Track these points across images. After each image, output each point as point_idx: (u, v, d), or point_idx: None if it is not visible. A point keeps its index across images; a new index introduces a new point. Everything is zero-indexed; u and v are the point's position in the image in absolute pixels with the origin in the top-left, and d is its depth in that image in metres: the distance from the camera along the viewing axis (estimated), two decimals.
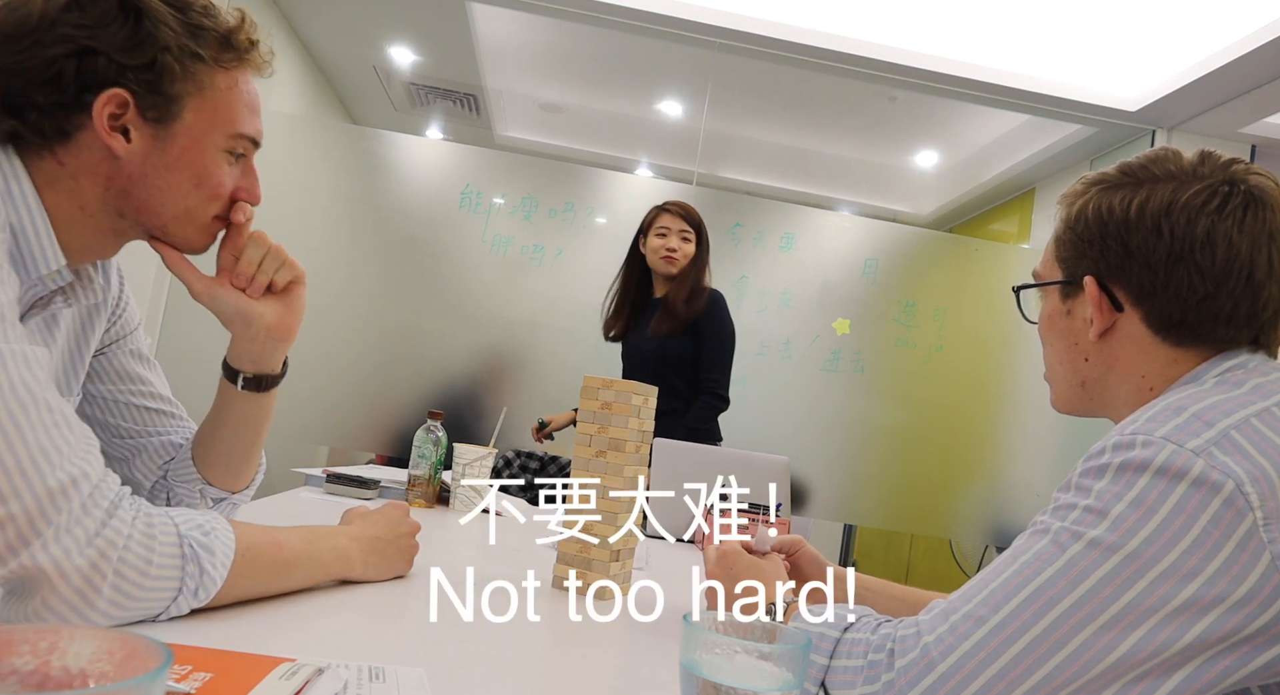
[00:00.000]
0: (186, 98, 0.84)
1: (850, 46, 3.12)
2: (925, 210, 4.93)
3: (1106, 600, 0.62)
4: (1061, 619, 0.63)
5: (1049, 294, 0.89)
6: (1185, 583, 0.62)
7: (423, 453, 1.76)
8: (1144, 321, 0.80)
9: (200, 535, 0.76)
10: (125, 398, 1.08)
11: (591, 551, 1.12)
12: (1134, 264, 0.80)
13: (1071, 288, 0.85)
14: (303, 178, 3.08)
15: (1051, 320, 0.89)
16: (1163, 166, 0.82)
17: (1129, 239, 0.80)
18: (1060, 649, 0.62)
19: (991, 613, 0.64)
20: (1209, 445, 0.65)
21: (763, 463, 2.03)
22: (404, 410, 3.01)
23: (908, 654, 0.65)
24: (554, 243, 3.11)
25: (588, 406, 1.15)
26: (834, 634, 0.73)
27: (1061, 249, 0.86)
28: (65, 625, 0.40)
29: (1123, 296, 0.81)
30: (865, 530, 4.82)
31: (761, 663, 0.59)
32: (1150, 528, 0.63)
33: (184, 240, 0.94)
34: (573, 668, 0.84)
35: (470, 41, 3.63)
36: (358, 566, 0.99)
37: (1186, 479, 0.64)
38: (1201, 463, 0.64)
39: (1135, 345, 0.81)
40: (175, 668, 0.61)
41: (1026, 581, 0.65)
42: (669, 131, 4.39)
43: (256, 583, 0.84)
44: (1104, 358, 0.84)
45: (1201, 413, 0.68)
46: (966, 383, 3.28)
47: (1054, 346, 0.89)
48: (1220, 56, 2.84)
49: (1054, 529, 0.67)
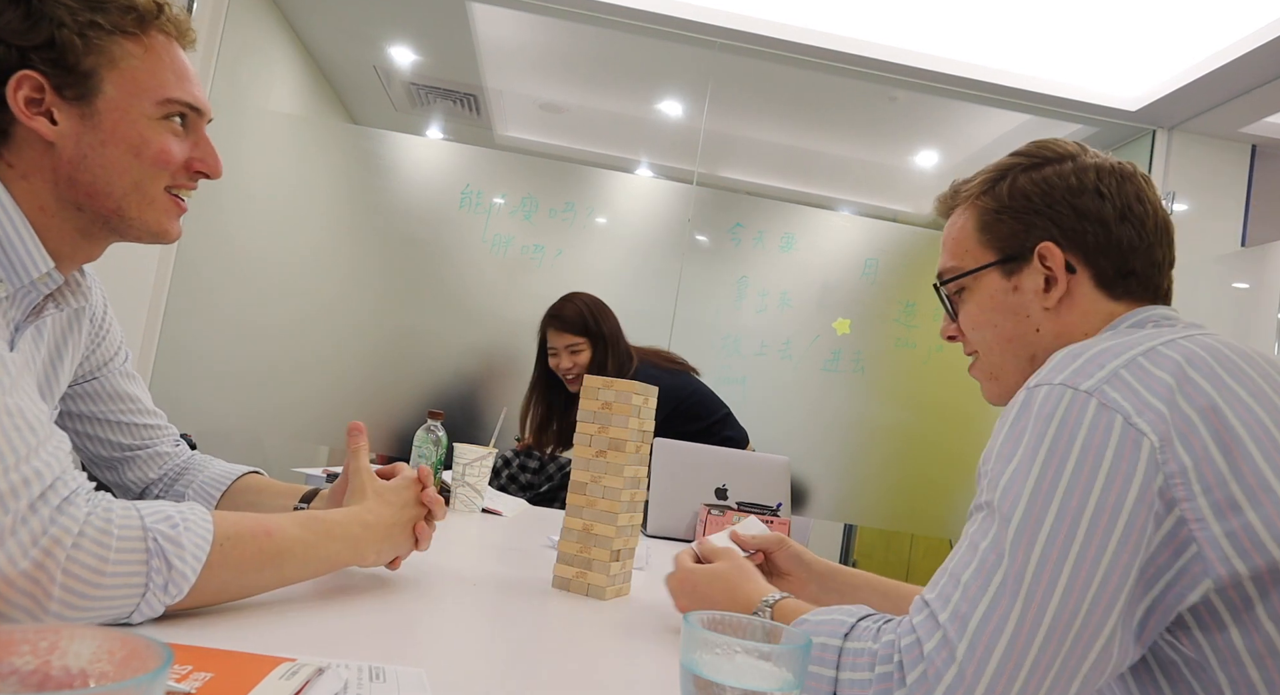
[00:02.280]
0: (101, 71, 0.83)
1: (850, 46, 3.12)
2: (925, 210, 4.92)
3: (1059, 561, 0.65)
4: (1031, 592, 0.65)
5: (981, 280, 0.93)
6: (1114, 523, 0.66)
7: (423, 453, 1.76)
8: (1093, 279, 0.88)
9: (167, 528, 0.73)
10: (118, 417, 1.10)
11: (591, 551, 1.12)
12: (1088, 223, 0.88)
13: (1014, 263, 0.90)
14: (303, 178, 3.08)
15: (994, 301, 0.92)
16: (1057, 148, 0.92)
17: (1077, 202, 0.88)
18: (1041, 621, 0.64)
19: (971, 608, 0.66)
20: (1100, 384, 0.71)
21: (763, 463, 2.03)
22: (404, 410, 3.01)
23: (916, 666, 0.66)
24: (554, 243, 3.11)
25: (588, 406, 1.15)
26: (835, 643, 0.72)
27: (996, 228, 0.92)
28: (66, 625, 0.40)
29: (1074, 258, 0.88)
30: (865, 530, 4.82)
31: (761, 663, 0.59)
32: (1066, 477, 0.67)
33: (145, 224, 0.90)
34: (573, 668, 0.84)
35: (470, 41, 3.63)
36: (369, 554, 0.95)
37: (1084, 423, 0.69)
38: (1094, 402, 0.69)
39: (1082, 304, 0.88)
40: (175, 667, 0.61)
41: (994, 567, 0.67)
42: (669, 131, 4.39)
43: (243, 575, 0.80)
44: (1054, 324, 0.89)
45: (1095, 356, 0.74)
46: (966, 383, 3.24)
47: (998, 327, 0.92)
48: (1220, 56, 2.83)
49: (995, 503, 0.70)
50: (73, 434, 1.09)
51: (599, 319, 2.35)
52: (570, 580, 1.13)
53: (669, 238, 3.16)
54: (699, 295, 3.16)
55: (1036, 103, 3.27)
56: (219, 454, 1.23)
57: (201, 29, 2.88)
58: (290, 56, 3.69)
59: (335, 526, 0.92)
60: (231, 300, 2.97)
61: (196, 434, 2.85)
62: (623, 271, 3.12)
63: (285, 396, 2.97)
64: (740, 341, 3.19)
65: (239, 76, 3.09)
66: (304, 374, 2.97)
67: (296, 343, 2.98)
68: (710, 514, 1.79)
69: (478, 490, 1.79)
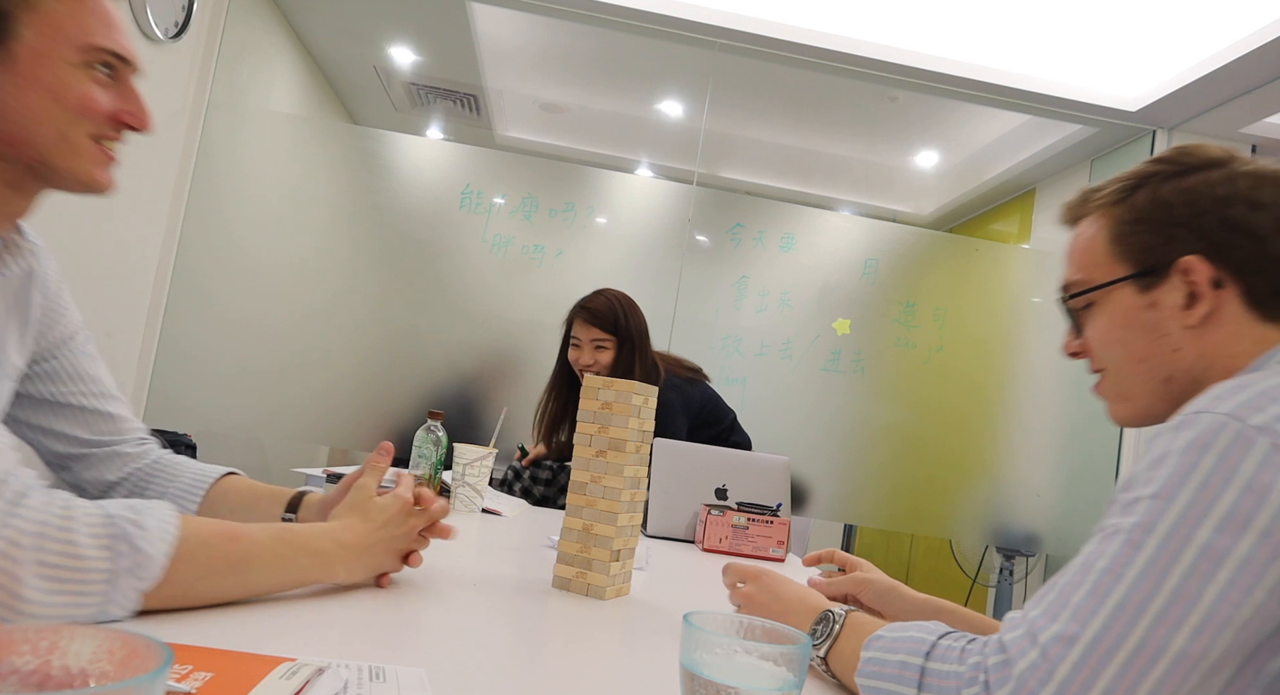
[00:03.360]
0: (18, 13, 0.81)
1: (850, 46, 3.12)
2: (925, 210, 4.92)
3: (1193, 597, 0.60)
4: (1155, 624, 0.60)
5: (1113, 294, 0.85)
6: (1264, 572, 0.59)
7: (423, 453, 1.76)
8: (1243, 297, 0.79)
9: (131, 514, 0.70)
10: (80, 400, 1.05)
11: (591, 551, 1.12)
12: (1239, 236, 0.79)
13: (1151, 278, 0.82)
14: (303, 178, 3.08)
15: (1128, 317, 0.84)
16: (1204, 154, 0.83)
17: (1227, 213, 0.80)
18: (1160, 658, 0.59)
19: (1082, 629, 0.61)
20: (1274, 421, 0.63)
21: (763, 463, 2.03)
22: (404, 410, 3.01)
23: (1003, 685, 0.62)
24: (554, 243, 3.11)
25: (588, 406, 1.15)
26: (917, 661, 0.69)
27: (1132, 240, 0.84)
28: (66, 624, 0.40)
29: (1223, 274, 0.80)
30: (865, 530, 4.82)
31: (762, 663, 0.59)
32: (1221, 510, 0.61)
33: (73, 174, 0.87)
34: (573, 668, 0.84)
35: (470, 41, 3.63)
36: (341, 572, 0.92)
37: (1250, 458, 0.61)
38: (1265, 441, 0.62)
39: (1230, 325, 0.80)
40: (175, 667, 0.61)
41: (1109, 590, 0.62)
42: (669, 131, 4.39)
43: (208, 576, 0.77)
44: (1196, 344, 0.81)
45: (1269, 390, 0.66)
46: (966, 383, 3.28)
47: (1129, 346, 0.84)
48: (1220, 57, 2.83)
49: (1125, 527, 0.64)
50: (26, 429, 1.04)
51: (629, 316, 2.26)
52: (570, 580, 1.13)
53: (669, 238, 3.16)
54: (699, 295, 3.16)
55: (1036, 103, 3.27)
56: (219, 454, 1.20)
57: (201, 29, 2.88)
58: (290, 56, 3.69)
59: (309, 541, 0.89)
60: (231, 300, 2.96)
61: (196, 434, 2.86)
62: (623, 271, 3.12)
63: (285, 396, 2.97)
64: (740, 341, 3.20)
65: (239, 76, 3.09)
66: (304, 374, 2.97)
67: (296, 343, 2.98)
68: (710, 514, 1.79)
69: (478, 490, 1.79)
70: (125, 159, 0.94)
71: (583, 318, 2.26)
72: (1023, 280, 3.36)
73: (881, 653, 0.73)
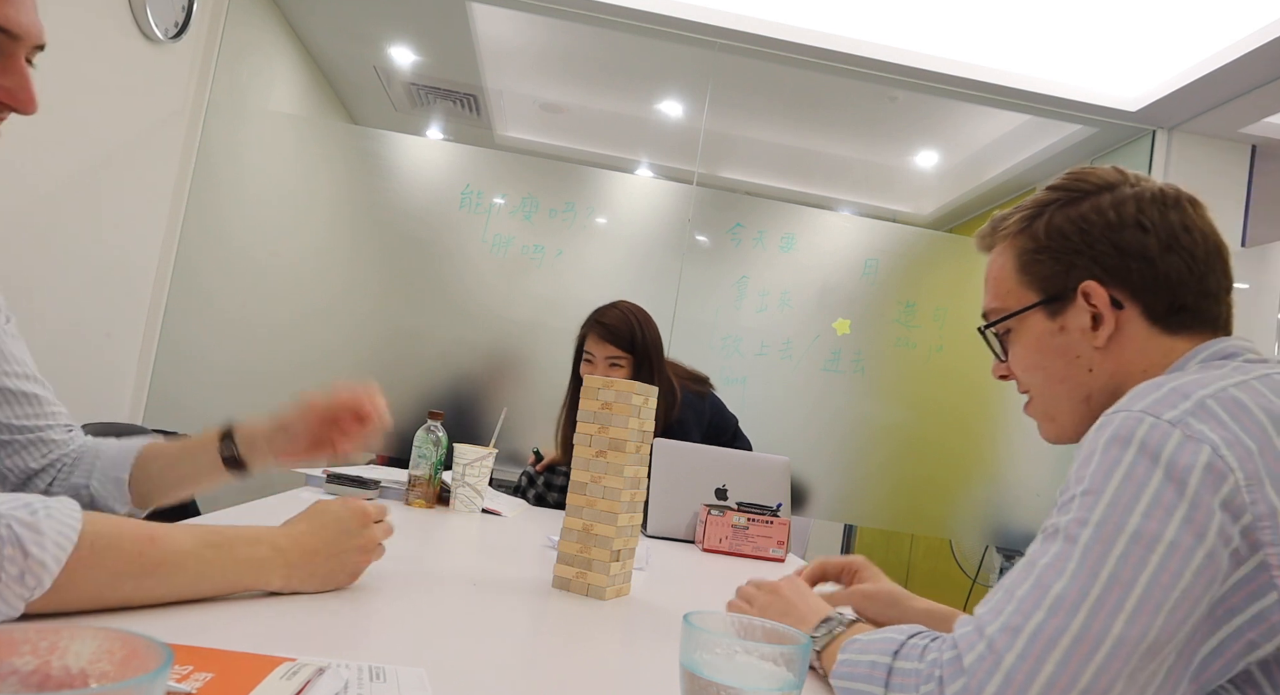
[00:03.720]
0: None
1: (850, 46, 3.12)
2: (925, 210, 4.92)
3: (1129, 582, 0.62)
4: (1094, 612, 0.62)
5: (1026, 321, 0.90)
6: (1191, 555, 0.63)
7: (423, 453, 1.76)
8: (1144, 315, 0.84)
9: (26, 515, 0.65)
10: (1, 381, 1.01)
11: (591, 551, 1.12)
12: (1130, 259, 0.84)
13: (1058, 304, 0.87)
14: (303, 178, 3.08)
15: (1041, 342, 0.89)
16: (1094, 179, 0.88)
17: (1118, 238, 0.84)
18: (1101, 644, 0.61)
19: (1025, 621, 0.63)
20: (1185, 415, 0.67)
21: (763, 463, 2.03)
22: (404, 410, 3.01)
23: (956, 679, 0.64)
24: (554, 243, 3.11)
25: (588, 406, 1.15)
26: (885, 661, 0.71)
27: (1036, 268, 0.89)
28: (66, 625, 0.40)
29: (1121, 295, 0.84)
30: (865, 530, 4.82)
31: (761, 663, 0.59)
32: (1145, 502, 0.64)
33: None
34: (573, 668, 0.84)
35: (470, 41, 3.63)
36: (276, 579, 0.86)
37: (1166, 449, 0.66)
38: (1178, 433, 0.66)
39: (1135, 341, 0.84)
40: (176, 668, 0.61)
41: (1050, 583, 0.64)
42: (669, 131, 4.39)
43: (119, 581, 0.72)
44: (1108, 363, 0.85)
45: (1180, 387, 0.71)
46: (967, 383, 3.28)
47: (1047, 369, 0.89)
48: (1220, 57, 2.83)
49: (1062, 525, 0.68)
50: None
51: (644, 331, 2.17)
52: (570, 580, 1.13)
53: (669, 238, 3.16)
54: (699, 295, 3.16)
55: (1036, 103, 3.27)
56: None
57: (201, 29, 2.88)
58: (290, 56, 3.69)
59: (240, 545, 0.83)
60: (231, 300, 2.97)
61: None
62: (623, 271, 3.12)
63: (285, 396, 2.96)
64: (740, 341, 3.20)
65: (239, 76, 3.09)
66: (304, 374, 2.96)
67: (296, 343, 2.98)
68: (710, 514, 1.79)
69: (478, 490, 1.79)
70: (125, 159, 0.94)
71: (597, 333, 2.15)
72: None
73: (855, 654, 0.75)
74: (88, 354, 2.57)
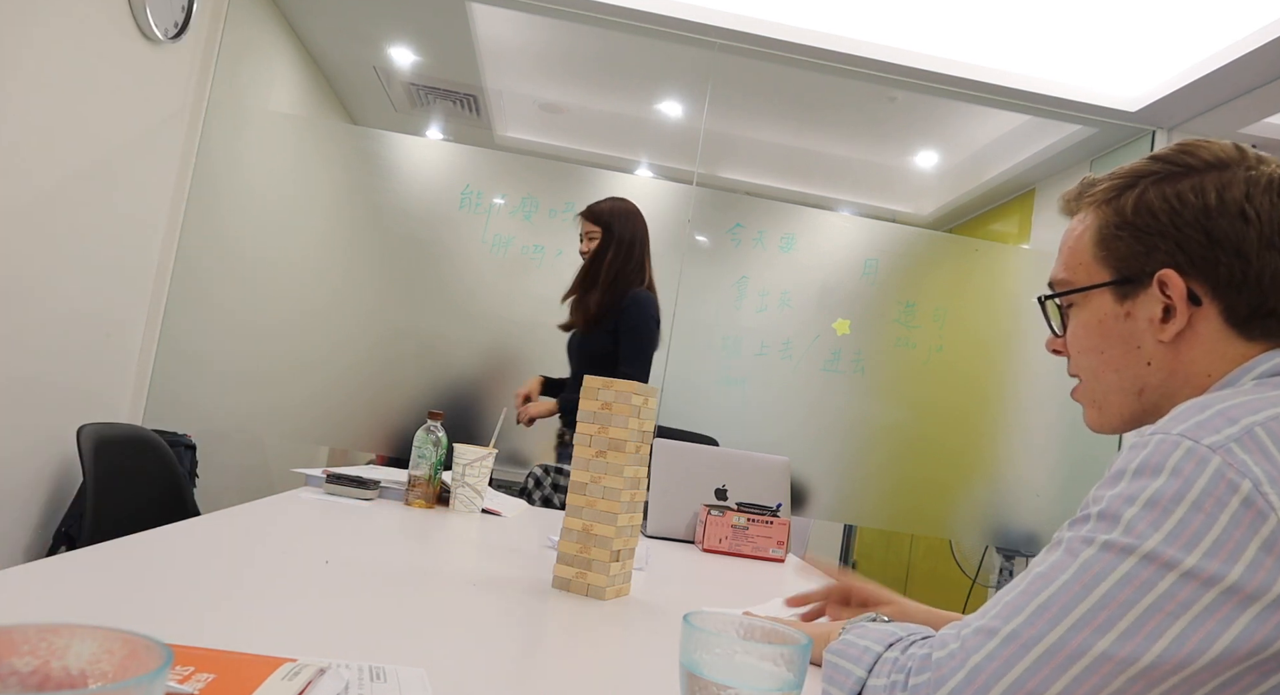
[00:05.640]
0: None
1: (850, 46, 3.12)
2: (925, 210, 4.92)
3: (1124, 605, 0.58)
4: (1078, 626, 0.59)
5: (1092, 299, 0.82)
6: (1209, 586, 0.57)
7: (423, 453, 1.76)
8: (1222, 315, 0.75)
9: None
10: None
11: (591, 552, 1.12)
12: (1221, 251, 0.74)
13: (1130, 287, 0.79)
14: (303, 178, 3.08)
15: (1103, 325, 0.81)
16: (1203, 154, 0.78)
17: (1212, 226, 0.75)
18: (1079, 658, 0.58)
19: (1002, 623, 0.61)
20: (1228, 441, 0.61)
21: (763, 463, 2.03)
22: (404, 410, 3.01)
23: (922, 672, 0.64)
24: (554, 243, 3.11)
25: (588, 406, 1.15)
26: (878, 649, 0.71)
27: (1114, 245, 0.80)
28: (66, 625, 0.40)
29: (1201, 289, 0.75)
30: (865, 530, 4.82)
31: (761, 663, 0.59)
32: (1167, 528, 0.59)
33: None
34: (573, 668, 0.84)
35: (470, 41, 3.63)
36: None
37: (1201, 477, 0.59)
38: (1218, 459, 0.60)
39: (1206, 342, 0.76)
40: (178, 669, 0.61)
41: (1038, 591, 0.62)
42: (669, 131, 4.39)
43: None
44: (1169, 359, 0.77)
45: (1228, 409, 0.64)
46: (966, 383, 3.28)
47: (1104, 354, 0.82)
48: (1220, 56, 2.83)
49: (1066, 539, 0.64)
50: None
51: (623, 219, 2.53)
52: (570, 580, 1.13)
53: (669, 238, 3.16)
54: (699, 295, 3.16)
55: (1036, 103, 3.27)
56: (219, 454, 1.19)
57: (201, 29, 2.88)
58: (290, 56, 3.69)
59: None
60: (231, 300, 2.97)
61: (196, 434, 2.86)
62: None
63: (285, 396, 2.97)
64: (740, 342, 3.20)
65: (239, 76, 3.09)
66: (304, 374, 2.97)
67: (296, 343, 2.98)
68: (710, 514, 1.79)
69: (478, 490, 1.79)
70: (125, 159, 0.94)
71: (584, 213, 2.59)
72: (1022, 280, 3.36)
73: (855, 637, 0.75)
74: (87, 354, 2.57)
